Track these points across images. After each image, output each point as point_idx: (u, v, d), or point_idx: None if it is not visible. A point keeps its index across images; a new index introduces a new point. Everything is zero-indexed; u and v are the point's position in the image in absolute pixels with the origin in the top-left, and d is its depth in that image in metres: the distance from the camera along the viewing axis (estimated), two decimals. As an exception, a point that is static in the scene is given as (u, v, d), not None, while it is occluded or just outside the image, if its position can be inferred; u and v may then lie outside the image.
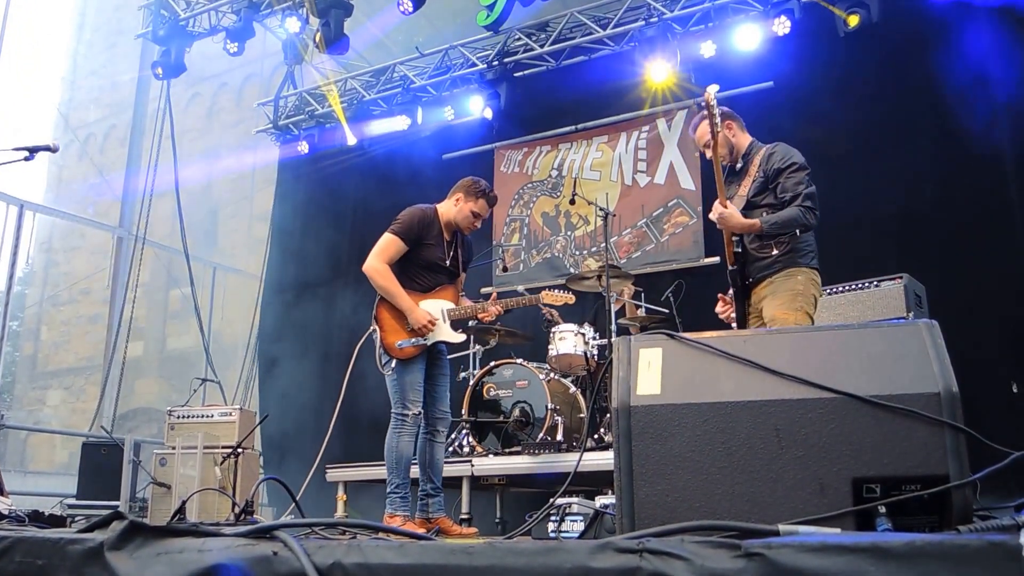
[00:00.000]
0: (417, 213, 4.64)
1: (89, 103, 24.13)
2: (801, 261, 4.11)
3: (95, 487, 7.03)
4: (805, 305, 4.02)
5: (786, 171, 4.11)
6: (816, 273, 4.15)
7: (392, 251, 4.57)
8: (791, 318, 3.96)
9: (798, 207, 4.02)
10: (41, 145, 4.19)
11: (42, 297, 24.14)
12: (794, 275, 4.08)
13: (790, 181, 4.08)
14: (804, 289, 4.05)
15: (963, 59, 6.66)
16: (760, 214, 4.14)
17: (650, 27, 7.69)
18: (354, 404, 6.13)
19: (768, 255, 4.14)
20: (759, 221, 4.07)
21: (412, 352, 4.54)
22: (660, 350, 2.14)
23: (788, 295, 4.04)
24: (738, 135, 4.38)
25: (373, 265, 4.56)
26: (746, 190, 4.25)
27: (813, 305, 4.09)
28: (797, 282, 4.07)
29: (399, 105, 9.30)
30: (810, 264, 4.13)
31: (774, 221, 4.05)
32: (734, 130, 4.36)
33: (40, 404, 23.07)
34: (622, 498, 1.99)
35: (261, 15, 8.48)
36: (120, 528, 1.83)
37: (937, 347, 1.98)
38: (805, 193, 4.03)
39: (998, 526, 1.60)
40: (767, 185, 4.18)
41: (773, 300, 4.08)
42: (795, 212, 4.02)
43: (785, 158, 4.15)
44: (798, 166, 4.11)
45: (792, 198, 4.05)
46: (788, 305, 4.01)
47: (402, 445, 4.50)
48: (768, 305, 4.09)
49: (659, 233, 8.06)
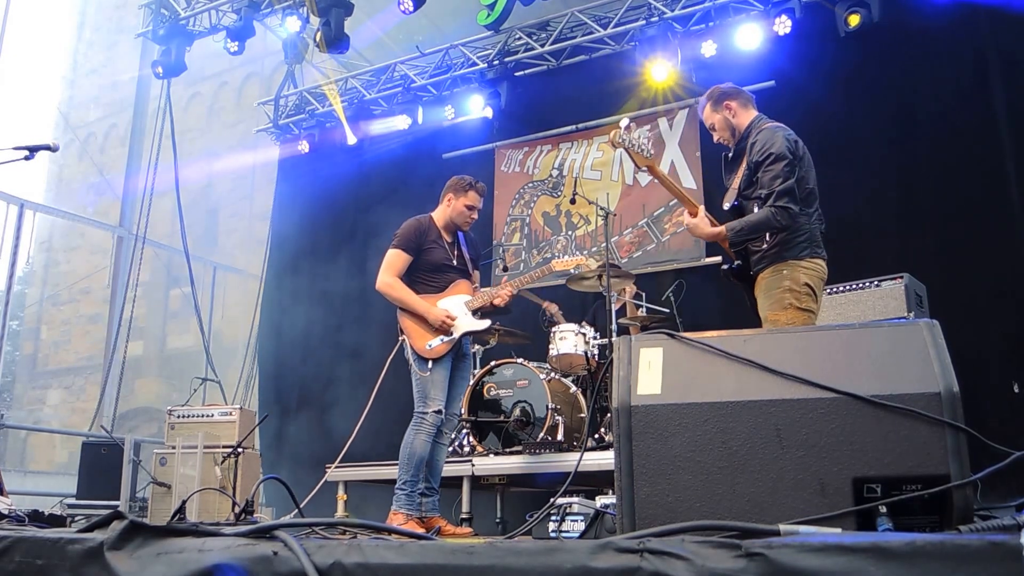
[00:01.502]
0: (412, 223, 4.85)
1: (89, 102, 24.14)
2: (788, 255, 3.86)
3: (95, 487, 7.03)
4: (794, 300, 3.79)
5: (764, 164, 3.84)
6: (811, 262, 3.88)
7: (398, 264, 4.75)
8: (781, 318, 3.79)
9: (769, 207, 3.75)
10: (41, 144, 4.18)
11: (42, 296, 24.16)
12: (780, 271, 3.87)
13: (766, 176, 3.81)
14: (792, 284, 3.82)
15: (963, 59, 6.66)
16: (751, 208, 3.92)
17: (651, 26, 7.68)
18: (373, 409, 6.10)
19: (759, 248, 3.96)
20: (724, 229, 3.90)
21: (444, 349, 4.68)
22: (661, 350, 2.14)
23: (776, 294, 3.86)
24: (739, 114, 4.15)
25: (384, 280, 4.75)
26: (738, 181, 4.05)
27: (807, 296, 3.83)
28: (783, 277, 3.84)
29: (399, 104, 9.30)
30: (800, 256, 3.86)
31: (739, 228, 3.85)
32: (734, 109, 4.15)
33: (40, 403, 23.08)
34: (623, 498, 1.99)
35: (261, 14, 8.48)
36: (120, 528, 1.83)
37: (938, 347, 1.98)
38: (779, 190, 3.74)
39: (999, 526, 1.60)
40: (753, 177, 3.94)
41: (763, 302, 3.93)
42: (764, 215, 3.77)
43: (763, 149, 3.86)
44: (775, 157, 3.81)
45: (767, 196, 3.78)
46: (776, 305, 3.83)
47: (417, 443, 4.57)
48: (760, 307, 3.96)
49: (660, 233, 8.05)
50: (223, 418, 6.38)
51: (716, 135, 4.24)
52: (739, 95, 4.20)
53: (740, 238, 3.91)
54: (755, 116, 4.16)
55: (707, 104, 4.24)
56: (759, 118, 4.14)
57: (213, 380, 8.65)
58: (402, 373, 4.84)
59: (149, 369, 20.12)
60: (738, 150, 4.16)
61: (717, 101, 4.19)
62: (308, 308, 9.43)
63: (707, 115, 4.25)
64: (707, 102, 4.24)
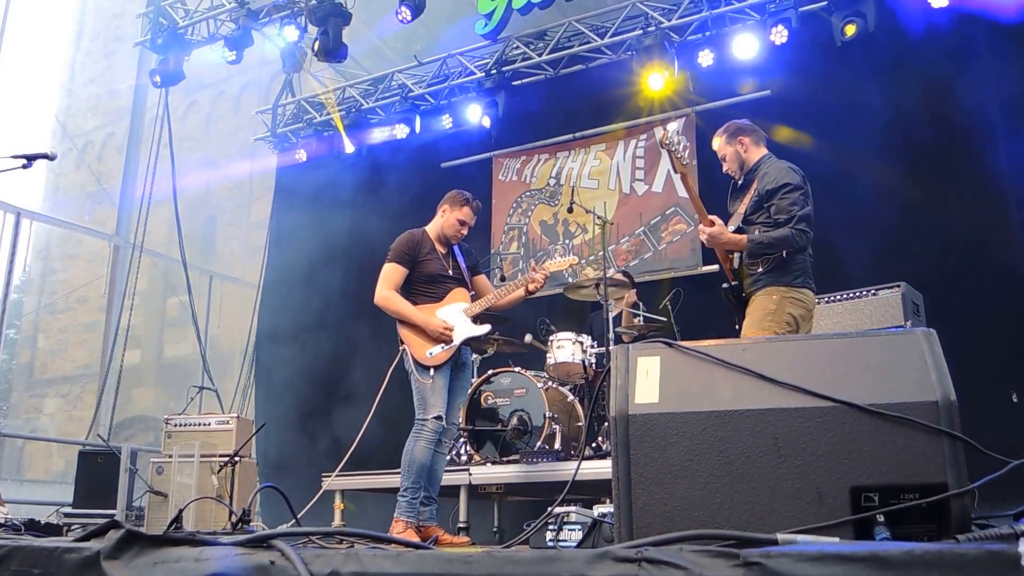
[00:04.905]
0: (406, 237, 4.91)
1: (87, 111, 24.16)
2: (782, 280, 4.06)
3: (91, 496, 6.99)
4: (773, 325, 3.96)
5: (779, 192, 4.07)
6: (800, 292, 4.08)
7: (395, 278, 4.80)
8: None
9: (791, 228, 3.98)
10: (39, 153, 4.19)
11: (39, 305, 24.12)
12: (770, 295, 4.06)
13: (784, 202, 4.04)
14: (776, 309, 4.00)
15: (959, 68, 6.69)
16: (753, 232, 4.13)
17: (648, 36, 7.70)
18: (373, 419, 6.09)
19: (755, 272, 4.15)
20: (745, 238, 4.08)
21: (444, 356, 4.71)
22: (658, 359, 2.14)
23: (758, 315, 4.04)
24: (750, 150, 4.36)
25: (381, 294, 4.79)
26: (744, 208, 4.24)
27: (789, 324, 4.01)
28: (771, 302, 4.04)
29: (397, 113, 9.30)
30: (792, 283, 4.07)
31: (760, 240, 4.04)
32: (746, 145, 4.36)
33: (37, 412, 23.02)
34: (620, 507, 1.99)
35: (259, 23, 8.49)
36: (116, 537, 1.83)
37: (935, 356, 1.98)
38: (799, 215, 3.99)
39: (996, 535, 1.60)
40: (761, 204, 4.15)
41: (748, 319, 4.11)
42: (786, 233, 3.99)
43: (778, 179, 4.10)
44: (792, 187, 4.06)
45: (787, 220, 4.01)
46: (756, 327, 4.00)
47: (418, 450, 4.58)
48: (744, 325, 4.13)
49: (657, 241, 8.07)
50: (220, 427, 6.36)
51: (726, 166, 4.44)
52: (753, 132, 4.41)
53: (759, 250, 4.08)
54: (765, 153, 4.37)
55: (722, 136, 4.44)
56: (769, 155, 4.36)
57: (210, 389, 8.64)
58: (402, 383, 4.84)
59: (146, 378, 20.09)
60: (746, 181, 4.36)
61: (732, 135, 4.40)
62: (305, 317, 9.42)
63: (720, 146, 4.44)
64: (723, 135, 4.44)
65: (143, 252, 9.67)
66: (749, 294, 4.18)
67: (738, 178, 4.42)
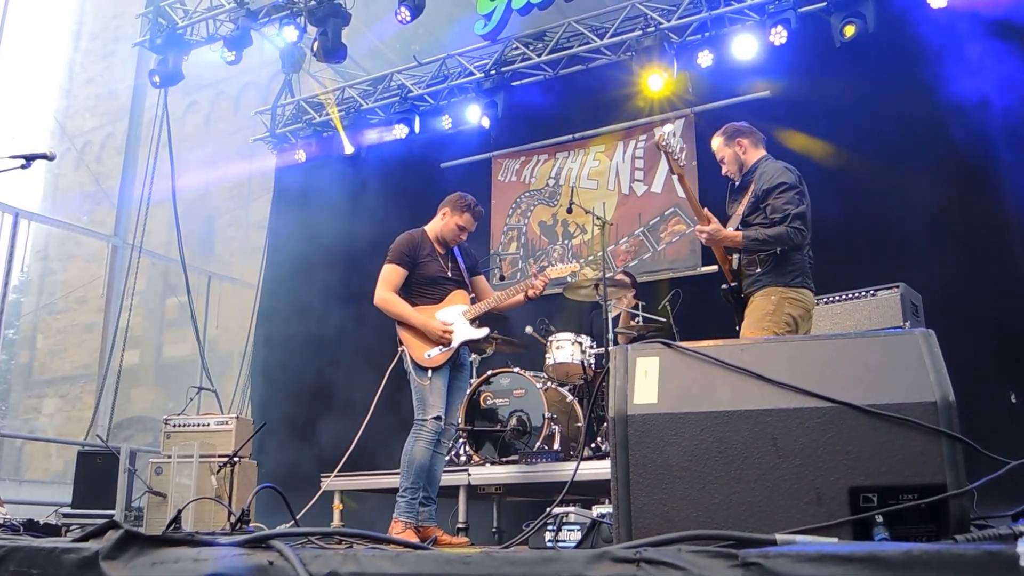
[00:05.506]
0: (405, 238, 4.90)
1: (86, 111, 24.12)
2: (780, 281, 4.11)
3: (90, 496, 6.98)
4: (772, 325, 4.01)
5: (775, 191, 4.12)
6: (798, 292, 4.13)
7: (394, 279, 4.79)
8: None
9: (786, 227, 4.04)
10: (38, 153, 4.19)
11: (38, 305, 24.08)
12: (769, 295, 4.10)
13: (779, 201, 4.10)
14: (775, 309, 4.06)
15: (959, 69, 6.68)
16: (750, 230, 4.18)
17: (647, 37, 7.69)
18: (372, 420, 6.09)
19: (754, 272, 4.19)
20: (742, 234, 4.12)
21: (443, 358, 4.71)
22: (657, 359, 2.15)
23: (757, 315, 4.09)
24: (748, 151, 4.41)
25: (380, 295, 4.78)
26: (742, 209, 4.29)
27: (789, 324, 4.06)
28: (769, 302, 4.08)
29: (396, 114, 9.29)
30: (790, 283, 4.12)
31: (755, 237, 4.09)
32: (744, 146, 4.41)
33: (36, 412, 22.99)
34: (619, 507, 1.99)
35: (259, 24, 8.49)
36: (115, 537, 1.83)
37: (934, 356, 1.98)
38: (794, 214, 4.05)
39: (995, 535, 1.60)
40: (758, 205, 4.21)
41: (747, 320, 4.15)
42: (781, 230, 4.04)
43: (773, 178, 4.17)
44: (787, 186, 4.12)
45: (782, 218, 4.06)
46: (755, 326, 4.05)
47: (417, 450, 4.58)
48: (744, 325, 4.17)
49: (656, 242, 8.07)
50: (219, 427, 6.36)
51: (724, 168, 4.49)
52: (752, 135, 4.45)
53: (755, 246, 4.13)
54: (763, 155, 4.41)
55: (721, 138, 4.49)
56: (767, 157, 4.40)
57: (209, 389, 8.62)
58: (401, 383, 4.84)
59: (145, 378, 20.05)
60: (744, 182, 4.40)
61: (731, 137, 4.45)
62: (304, 317, 9.41)
63: (719, 148, 4.49)
64: (721, 136, 4.49)
65: (142, 252, 9.66)
66: (748, 295, 4.21)
67: (737, 179, 4.45)
